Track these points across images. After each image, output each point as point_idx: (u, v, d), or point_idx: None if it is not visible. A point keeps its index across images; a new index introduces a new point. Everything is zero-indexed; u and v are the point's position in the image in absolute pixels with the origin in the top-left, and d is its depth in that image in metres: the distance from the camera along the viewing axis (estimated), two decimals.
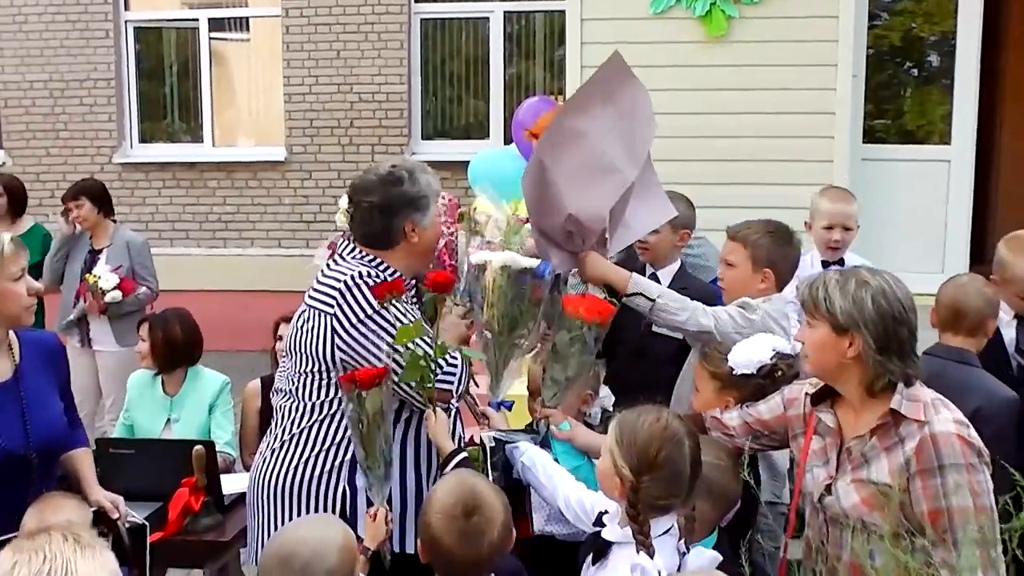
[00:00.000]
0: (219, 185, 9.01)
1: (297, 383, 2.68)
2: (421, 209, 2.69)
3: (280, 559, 2.02)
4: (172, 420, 4.11)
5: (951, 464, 2.10)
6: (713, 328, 2.86)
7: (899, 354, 2.19)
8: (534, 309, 2.67)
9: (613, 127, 2.80)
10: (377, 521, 2.49)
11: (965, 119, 6.57)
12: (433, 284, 2.75)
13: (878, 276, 2.25)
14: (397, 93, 8.68)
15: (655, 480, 2.16)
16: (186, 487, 3.36)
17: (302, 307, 2.71)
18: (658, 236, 3.51)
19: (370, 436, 2.44)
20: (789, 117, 5.97)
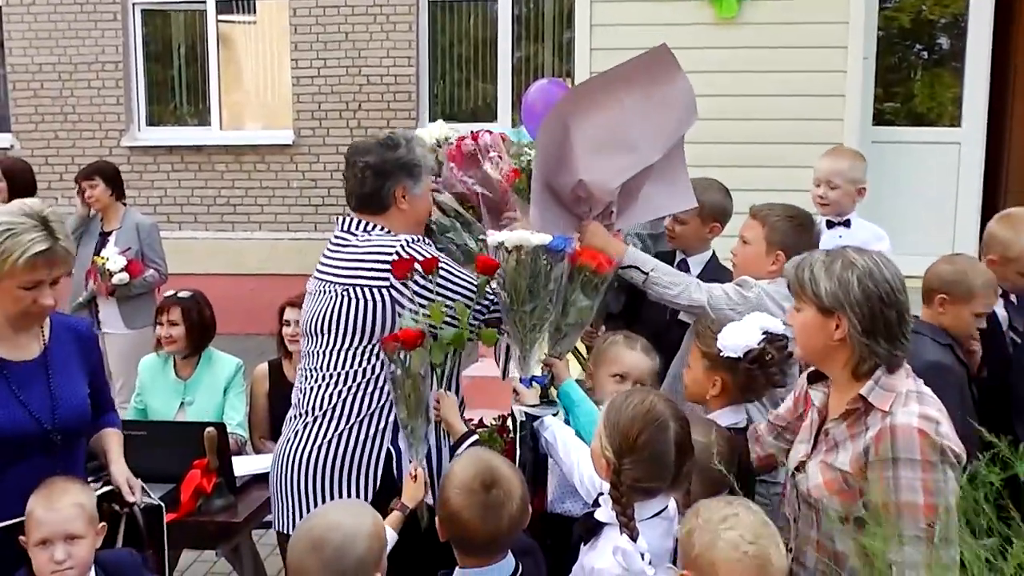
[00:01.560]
0: (227, 168, 9.01)
1: (332, 359, 2.70)
2: (414, 176, 2.76)
3: (311, 544, 2.03)
4: (186, 403, 4.12)
5: (905, 458, 2.05)
6: (706, 303, 2.89)
7: (886, 336, 2.15)
8: (553, 284, 2.69)
9: (644, 109, 2.81)
10: (417, 481, 2.55)
11: (976, 101, 6.54)
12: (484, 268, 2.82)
13: (865, 256, 2.21)
14: (405, 76, 8.66)
15: (636, 463, 2.15)
16: (198, 469, 3.38)
17: (326, 285, 2.73)
18: (685, 227, 3.48)
19: (412, 395, 2.51)
20: (799, 99, 5.95)
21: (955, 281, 3.10)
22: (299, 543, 2.06)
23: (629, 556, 2.07)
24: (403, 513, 2.52)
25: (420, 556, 2.41)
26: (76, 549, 2.40)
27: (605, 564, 2.13)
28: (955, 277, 3.11)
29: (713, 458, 2.36)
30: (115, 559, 2.55)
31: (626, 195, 2.84)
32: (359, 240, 2.74)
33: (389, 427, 2.67)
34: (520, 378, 2.81)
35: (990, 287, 3.12)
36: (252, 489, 3.58)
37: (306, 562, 2.02)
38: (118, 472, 2.76)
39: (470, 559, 2.18)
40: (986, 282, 3.12)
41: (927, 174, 6.51)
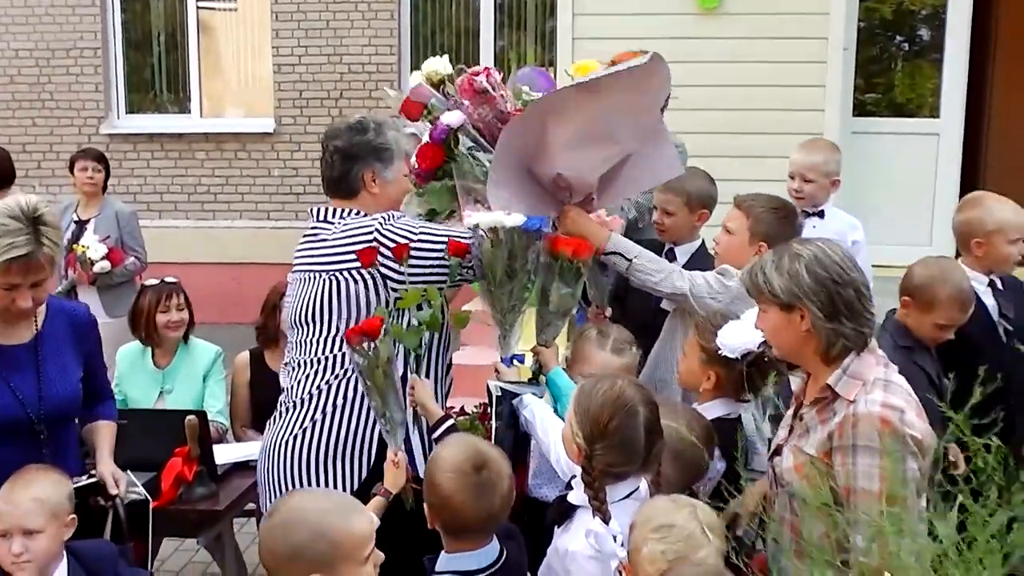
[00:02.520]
0: (207, 156, 8.95)
1: (319, 347, 2.69)
2: (383, 160, 2.75)
3: (284, 527, 2.01)
4: (165, 391, 4.12)
5: (864, 446, 2.08)
6: (688, 291, 2.92)
7: (849, 316, 2.18)
8: (529, 265, 2.70)
9: (623, 103, 2.78)
10: (399, 467, 2.55)
11: (954, 92, 6.59)
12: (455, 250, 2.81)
13: (809, 245, 2.24)
14: (387, 64, 8.62)
15: (607, 448, 2.18)
16: (179, 457, 3.38)
17: (307, 273, 2.72)
18: (673, 218, 3.49)
19: (383, 384, 2.51)
20: (780, 90, 5.99)
21: (920, 286, 3.06)
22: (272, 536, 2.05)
23: (602, 539, 2.10)
24: (386, 499, 2.53)
25: (403, 543, 2.42)
26: (34, 543, 2.39)
27: (578, 546, 2.16)
28: (921, 282, 3.07)
29: (690, 446, 2.39)
30: (91, 549, 2.55)
31: (607, 179, 2.84)
32: (336, 227, 2.73)
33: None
34: (501, 358, 2.82)
35: (955, 302, 3.03)
36: (233, 477, 3.58)
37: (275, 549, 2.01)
38: (104, 466, 2.76)
39: (459, 543, 2.19)
40: (951, 296, 3.02)
41: (906, 164, 6.56)
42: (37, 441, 2.57)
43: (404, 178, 2.83)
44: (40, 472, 2.49)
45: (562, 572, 2.24)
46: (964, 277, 3.06)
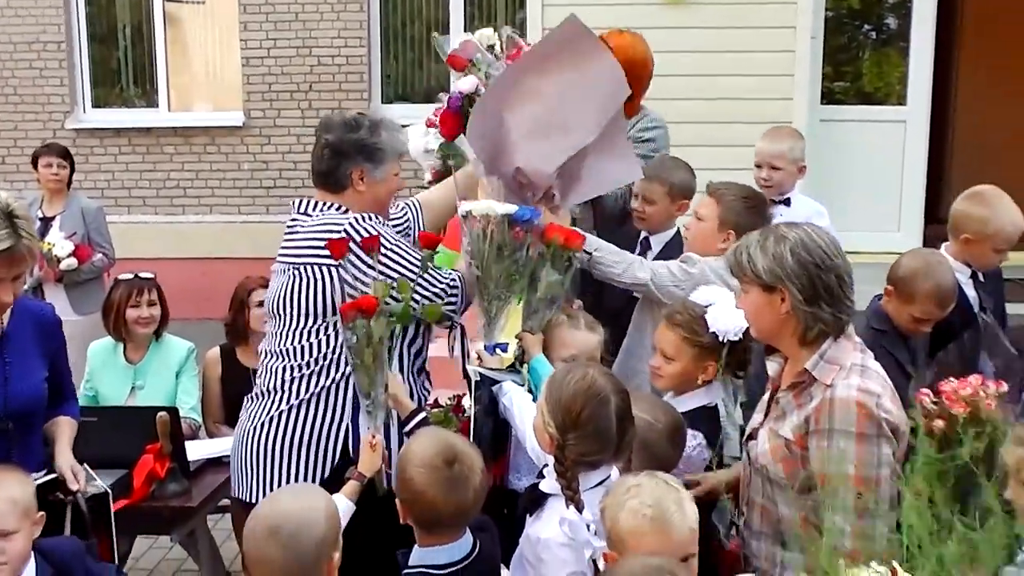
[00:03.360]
0: (176, 151, 8.86)
1: (286, 339, 2.71)
2: (374, 160, 2.75)
3: (268, 530, 2.03)
4: (137, 388, 4.09)
5: (841, 430, 2.12)
6: (649, 281, 2.95)
7: (829, 301, 2.20)
8: (517, 254, 2.70)
9: (573, 91, 2.82)
10: (375, 450, 2.55)
11: (920, 80, 6.66)
12: (425, 242, 2.89)
13: (796, 228, 2.27)
14: (357, 56, 8.57)
15: (580, 438, 2.18)
16: (151, 454, 3.36)
17: (283, 265, 2.73)
18: (655, 207, 3.50)
19: (372, 363, 2.52)
20: (748, 79, 6.01)
21: (902, 278, 3.09)
22: (255, 531, 2.05)
23: (575, 527, 2.11)
24: (360, 483, 2.53)
25: (377, 530, 2.42)
26: (10, 545, 2.36)
27: (550, 534, 2.16)
28: (904, 274, 3.10)
29: (657, 437, 2.40)
30: (57, 547, 2.52)
31: (567, 176, 2.86)
32: (312, 219, 2.73)
33: (348, 404, 2.68)
34: (484, 345, 2.82)
35: (933, 298, 3.06)
36: (207, 473, 3.56)
37: (265, 549, 2.02)
38: (62, 460, 2.74)
39: (431, 537, 2.19)
40: (930, 292, 3.05)
41: (874, 152, 6.62)
42: (4, 441, 2.54)
43: (395, 178, 2.81)
44: (7, 472, 2.46)
45: (534, 560, 2.24)
46: (948, 274, 3.09)
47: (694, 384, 2.75)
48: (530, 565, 2.26)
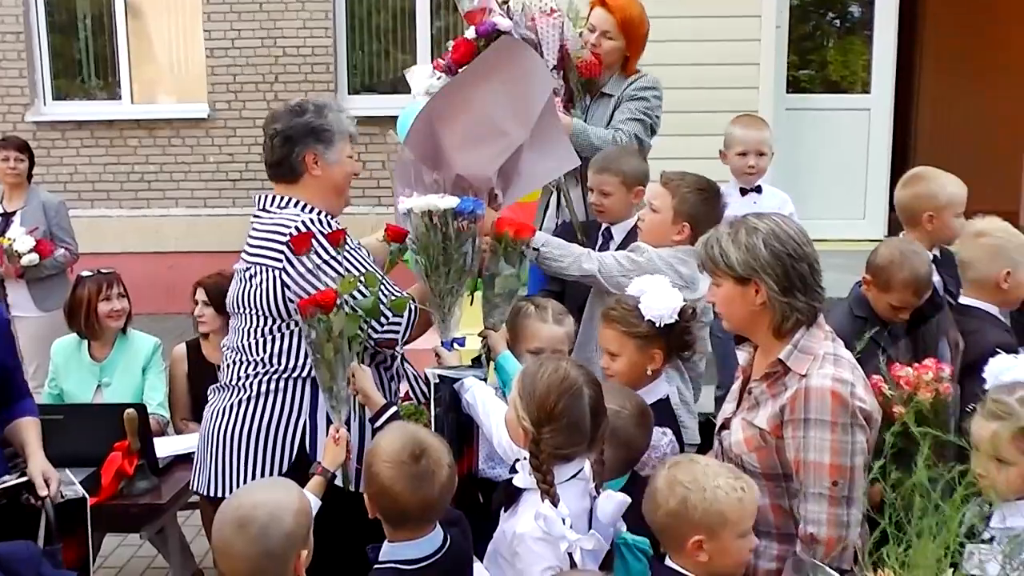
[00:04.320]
0: (140, 144, 8.75)
1: (248, 339, 2.70)
2: (324, 142, 2.73)
3: (237, 524, 2.02)
4: (103, 385, 4.05)
5: (816, 419, 2.13)
6: (596, 272, 2.97)
7: (803, 290, 2.21)
8: (464, 247, 2.70)
9: (500, 91, 2.89)
10: (339, 444, 2.54)
11: (884, 68, 6.72)
12: (393, 235, 2.86)
13: (766, 219, 2.27)
14: (323, 47, 8.51)
15: (555, 431, 2.18)
16: (119, 451, 3.33)
17: (244, 263, 2.72)
18: (611, 198, 3.50)
19: (333, 359, 2.50)
20: (714, 68, 6.03)
21: (880, 267, 3.13)
22: (224, 523, 2.04)
23: (550, 521, 2.11)
24: (324, 477, 2.51)
25: (348, 525, 2.41)
26: None
27: (526, 528, 2.16)
28: (881, 263, 3.13)
29: (624, 423, 2.41)
30: (8, 552, 2.47)
31: (507, 175, 2.90)
32: (270, 215, 2.72)
33: (306, 400, 2.66)
34: (442, 341, 2.82)
35: (909, 287, 3.09)
36: (176, 470, 3.53)
37: (232, 541, 2.01)
38: (34, 465, 2.70)
39: (400, 532, 2.18)
40: (906, 281, 3.08)
41: (839, 140, 6.68)
42: None
43: (349, 160, 2.80)
44: None
45: (509, 556, 2.24)
46: (923, 263, 3.13)
47: (644, 376, 2.75)
48: (505, 560, 2.26)
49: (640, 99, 3.87)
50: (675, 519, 2.05)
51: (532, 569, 2.15)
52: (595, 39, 3.85)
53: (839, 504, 2.13)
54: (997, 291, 3.10)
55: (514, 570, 2.22)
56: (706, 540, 2.02)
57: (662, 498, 2.07)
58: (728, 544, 2.03)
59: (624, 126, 3.81)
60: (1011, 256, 3.12)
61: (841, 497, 2.13)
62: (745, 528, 2.06)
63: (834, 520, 2.12)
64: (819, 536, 2.12)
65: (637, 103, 3.86)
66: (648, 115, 3.87)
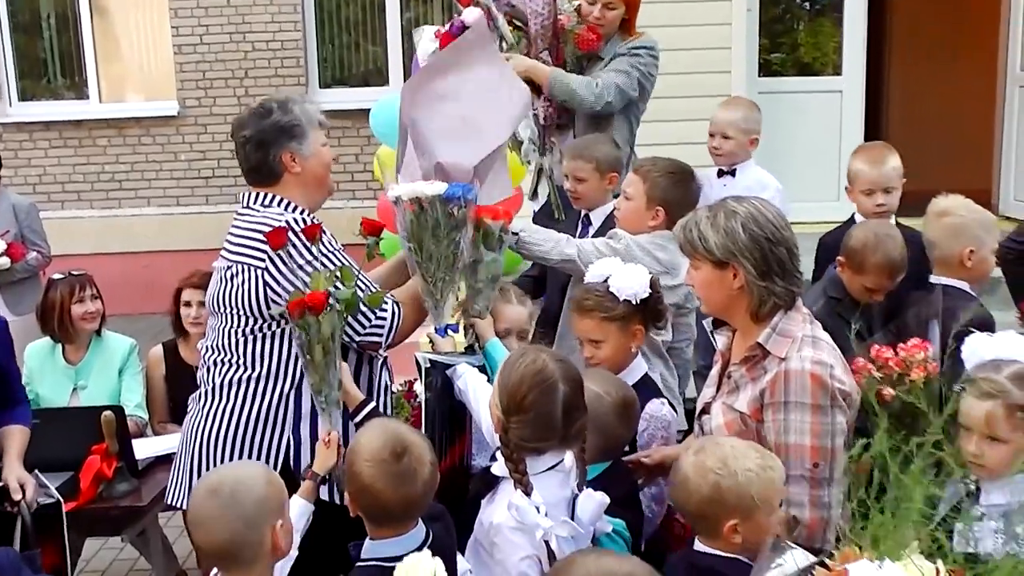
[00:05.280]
0: (110, 143, 8.65)
1: (229, 340, 2.65)
2: (297, 137, 2.68)
3: (208, 492, 2.02)
4: (79, 388, 4.01)
5: (796, 402, 2.15)
6: (576, 257, 2.97)
7: (781, 274, 2.22)
8: (455, 232, 2.69)
9: (484, 95, 2.91)
10: (330, 447, 2.50)
11: (854, 49, 6.75)
12: (370, 228, 2.84)
13: (745, 203, 2.27)
14: (292, 41, 8.44)
15: (522, 422, 2.17)
16: (97, 454, 3.30)
17: (223, 263, 2.67)
18: (586, 184, 3.50)
19: (322, 361, 2.46)
20: (686, 53, 6.02)
21: (854, 249, 3.15)
22: (197, 496, 2.05)
23: (523, 511, 2.10)
24: (315, 481, 2.48)
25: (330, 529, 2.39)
26: None
27: (501, 518, 2.15)
28: (856, 246, 3.15)
29: (606, 410, 2.41)
30: None
31: (480, 177, 2.89)
32: (252, 214, 2.67)
33: (288, 416, 2.62)
34: (435, 328, 2.81)
35: (882, 270, 3.12)
36: (155, 471, 3.51)
37: (205, 508, 2.00)
38: (9, 471, 2.68)
39: (382, 530, 2.16)
40: (879, 264, 3.11)
41: (812, 122, 6.71)
42: None
43: (323, 149, 2.75)
44: None
45: (487, 545, 2.23)
46: (897, 246, 3.15)
47: (630, 355, 2.77)
48: (484, 550, 2.26)
49: (632, 55, 3.86)
50: (710, 506, 2.03)
51: (511, 559, 2.14)
52: (597, 12, 3.84)
53: (820, 485, 2.14)
54: (962, 269, 3.12)
55: (493, 560, 2.22)
56: (741, 523, 2.02)
57: (694, 487, 2.04)
58: (760, 522, 2.02)
59: (605, 75, 3.80)
60: (973, 233, 3.13)
61: (822, 478, 2.14)
62: (776, 504, 2.06)
63: (816, 501, 2.14)
64: (802, 518, 2.13)
65: (628, 58, 3.85)
66: (637, 69, 3.85)
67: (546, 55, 3.90)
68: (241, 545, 1.99)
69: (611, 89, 3.77)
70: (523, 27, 3.89)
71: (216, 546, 2.01)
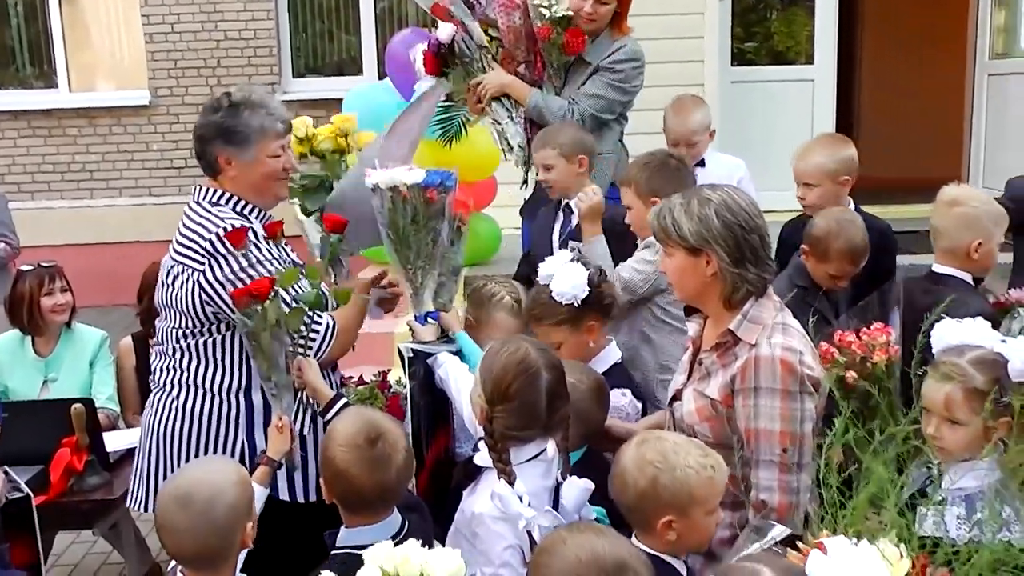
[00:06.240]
0: (80, 133, 8.56)
1: (175, 340, 2.63)
2: (235, 144, 2.60)
3: (179, 502, 1.99)
4: (49, 380, 3.97)
5: (766, 388, 2.16)
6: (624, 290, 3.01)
7: (753, 262, 2.24)
8: (434, 220, 2.68)
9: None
10: (282, 433, 2.49)
11: (826, 38, 6.79)
12: (332, 226, 2.80)
13: (719, 191, 2.28)
14: (265, 29, 8.37)
15: (507, 411, 2.18)
16: (67, 447, 3.27)
17: (169, 260, 2.63)
18: (555, 171, 3.49)
19: (270, 347, 2.44)
20: (658, 42, 6.03)
21: (817, 238, 3.16)
22: (166, 502, 2.02)
23: (506, 501, 2.10)
24: (270, 467, 2.48)
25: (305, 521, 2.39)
26: None
27: (484, 508, 2.16)
28: (818, 234, 3.16)
29: (580, 396, 2.42)
30: None
31: None
32: (197, 212, 2.62)
33: (241, 420, 2.60)
34: (415, 315, 2.81)
35: (845, 257, 3.14)
36: (127, 464, 3.46)
37: (176, 519, 1.99)
38: None
39: (357, 518, 2.17)
40: (841, 251, 3.13)
41: (784, 111, 6.75)
42: None
43: (270, 160, 2.64)
44: None
45: (469, 535, 2.23)
46: (858, 233, 3.17)
47: (590, 350, 2.79)
48: (466, 540, 2.26)
49: (613, 72, 3.83)
50: (645, 500, 2.03)
51: (493, 549, 2.15)
52: (589, 7, 3.78)
53: (790, 470, 2.16)
54: (967, 260, 3.11)
55: (475, 550, 2.21)
56: (676, 519, 2.02)
57: (631, 479, 2.05)
58: (697, 521, 2.03)
59: (581, 101, 3.79)
60: (984, 226, 3.10)
61: (792, 463, 2.16)
62: (714, 505, 2.06)
63: (785, 486, 2.16)
64: (771, 503, 2.15)
65: (608, 75, 3.81)
66: (614, 87, 3.83)
67: (523, 68, 3.88)
68: (214, 552, 2.00)
69: (586, 115, 3.76)
70: (497, 34, 3.90)
71: (188, 554, 2.01)
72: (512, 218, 3.83)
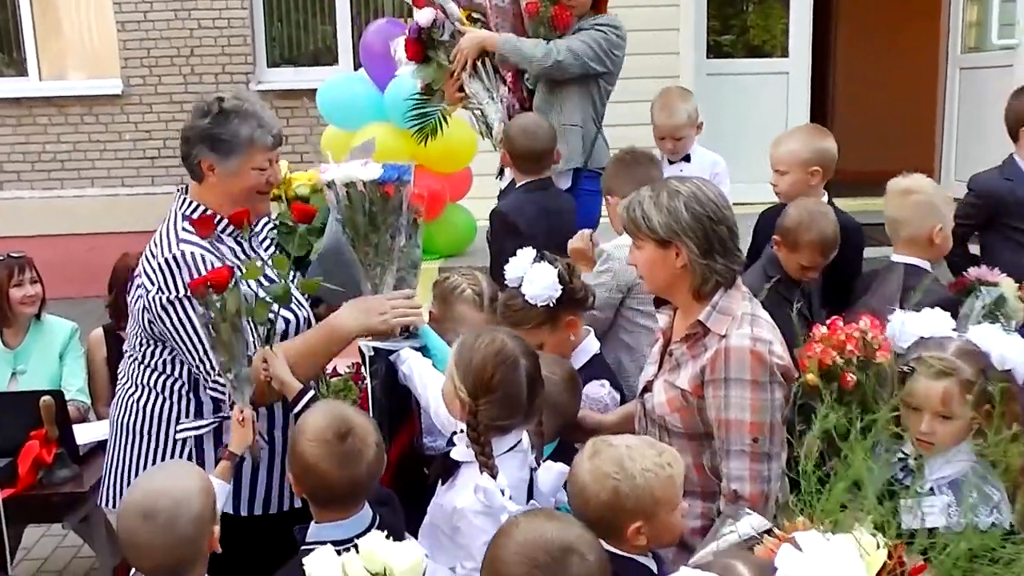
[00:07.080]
0: (51, 122, 8.45)
1: (138, 344, 2.60)
2: (218, 151, 2.54)
3: (143, 514, 1.96)
4: (18, 372, 3.94)
5: (736, 378, 2.18)
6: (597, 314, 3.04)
7: (722, 253, 2.25)
8: (392, 216, 2.66)
9: None
10: (244, 425, 2.44)
11: (800, 31, 6.82)
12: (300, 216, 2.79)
13: (688, 183, 2.29)
14: (239, 18, 8.30)
15: (491, 402, 2.18)
16: (36, 440, 3.23)
17: (138, 267, 2.59)
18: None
19: (229, 338, 2.40)
20: (633, 34, 6.01)
21: (788, 228, 3.18)
22: (129, 515, 1.98)
23: (490, 494, 2.10)
24: (231, 461, 2.43)
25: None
26: None
27: (466, 502, 2.15)
28: (790, 225, 3.18)
29: (555, 388, 2.43)
30: None
31: None
32: (168, 225, 2.58)
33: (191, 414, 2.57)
34: None
35: (816, 248, 3.15)
36: (97, 457, 3.43)
37: (140, 533, 1.95)
38: None
39: (327, 513, 2.15)
40: (812, 242, 3.14)
41: (759, 104, 6.77)
42: None
43: (252, 173, 2.58)
44: None
45: (449, 530, 2.22)
46: (830, 224, 3.18)
47: (571, 345, 2.80)
48: (444, 535, 2.25)
49: (595, 29, 3.90)
50: (610, 511, 2.00)
51: (475, 543, 2.13)
52: None
53: (760, 460, 2.17)
54: (929, 247, 3.14)
55: (455, 544, 2.21)
56: (644, 524, 2.00)
57: (592, 493, 2.01)
58: (665, 520, 2.02)
59: (562, 41, 3.83)
60: (941, 211, 3.15)
61: (762, 453, 2.17)
62: (678, 499, 2.06)
63: (756, 476, 2.17)
64: (742, 492, 2.17)
65: (590, 32, 3.90)
66: (597, 42, 3.88)
67: None
68: (180, 562, 1.98)
69: (561, 49, 3.80)
70: (482, 18, 3.95)
71: (153, 566, 1.98)
72: (487, 209, 3.82)
